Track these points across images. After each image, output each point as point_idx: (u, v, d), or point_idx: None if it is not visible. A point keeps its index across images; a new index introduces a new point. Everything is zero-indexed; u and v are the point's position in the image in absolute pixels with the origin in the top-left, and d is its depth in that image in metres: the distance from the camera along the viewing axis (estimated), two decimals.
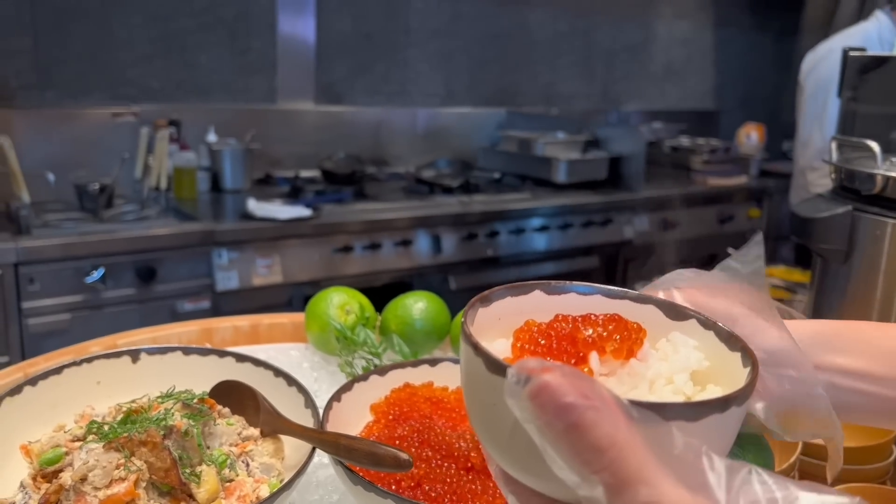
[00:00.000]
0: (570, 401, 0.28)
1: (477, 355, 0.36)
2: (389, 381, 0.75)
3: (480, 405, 0.37)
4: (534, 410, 0.28)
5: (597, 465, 0.28)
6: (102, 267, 2.19)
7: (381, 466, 0.55)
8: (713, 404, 0.33)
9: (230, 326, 0.94)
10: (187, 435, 0.59)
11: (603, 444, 0.27)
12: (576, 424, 0.28)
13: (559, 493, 0.35)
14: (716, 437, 0.31)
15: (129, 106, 2.77)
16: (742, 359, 0.40)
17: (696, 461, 0.28)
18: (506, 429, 0.34)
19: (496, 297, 0.44)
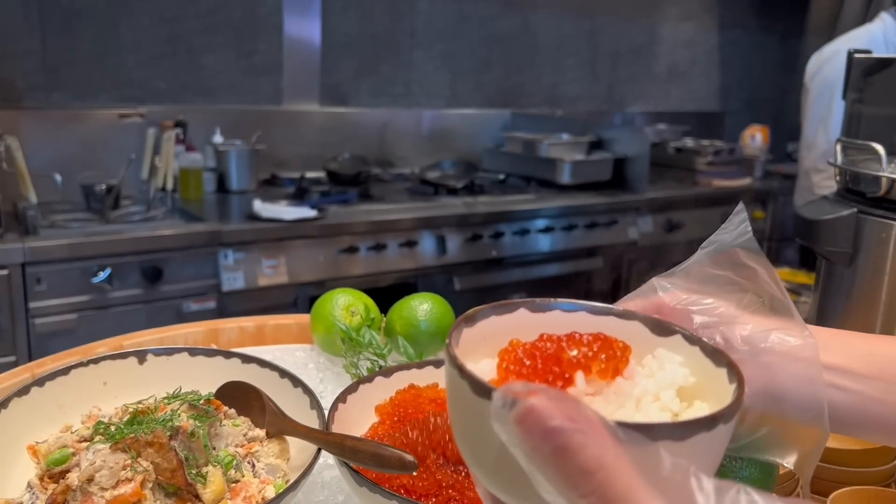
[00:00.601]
0: (556, 424, 0.28)
1: (462, 378, 0.35)
2: (394, 382, 0.75)
3: (466, 428, 0.37)
4: (520, 434, 0.28)
5: (585, 489, 0.27)
6: (109, 267, 2.20)
7: (387, 468, 0.55)
8: (700, 423, 0.33)
9: (236, 327, 0.94)
10: (193, 436, 0.59)
11: (591, 467, 0.27)
12: (563, 448, 0.28)
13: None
14: (704, 456, 0.32)
15: (135, 107, 2.79)
16: (728, 375, 0.40)
17: (684, 482, 0.28)
18: (492, 452, 0.34)
19: (481, 317, 0.44)
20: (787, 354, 0.45)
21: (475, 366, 0.41)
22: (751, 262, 0.50)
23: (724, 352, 0.42)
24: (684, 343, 0.43)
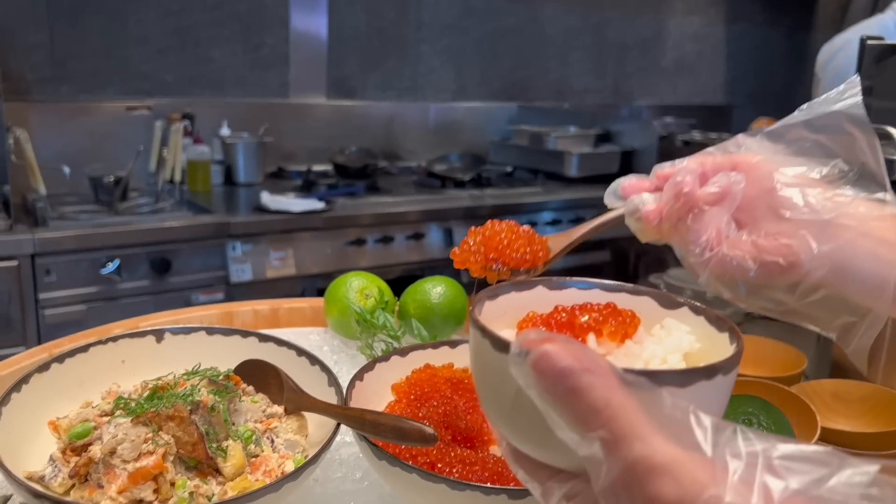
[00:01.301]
0: (567, 366, 0.30)
1: (484, 337, 0.39)
2: (410, 361, 0.75)
3: (488, 383, 0.40)
4: (535, 377, 0.31)
5: (594, 424, 0.30)
6: (118, 259, 2.20)
7: (407, 440, 0.55)
8: (700, 371, 0.35)
9: (250, 310, 0.95)
10: (213, 410, 0.59)
11: (599, 406, 0.30)
12: (573, 388, 0.30)
13: (562, 461, 0.38)
14: (704, 404, 0.33)
15: (143, 100, 2.79)
16: (729, 338, 0.42)
17: (684, 419, 0.30)
18: (509, 402, 0.37)
19: (502, 293, 0.48)
20: (859, 229, 0.47)
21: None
22: (852, 129, 0.51)
23: (726, 319, 0.44)
24: (690, 314, 0.47)
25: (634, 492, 0.29)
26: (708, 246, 0.51)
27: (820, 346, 1.15)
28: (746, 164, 0.53)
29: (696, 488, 0.28)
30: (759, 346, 1.15)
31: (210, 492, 0.57)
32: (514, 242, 0.56)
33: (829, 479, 0.27)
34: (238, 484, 0.57)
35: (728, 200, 0.51)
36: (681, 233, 0.53)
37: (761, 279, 0.49)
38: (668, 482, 0.28)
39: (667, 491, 0.28)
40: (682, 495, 0.28)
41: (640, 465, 0.29)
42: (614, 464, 0.30)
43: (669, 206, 0.53)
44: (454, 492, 0.55)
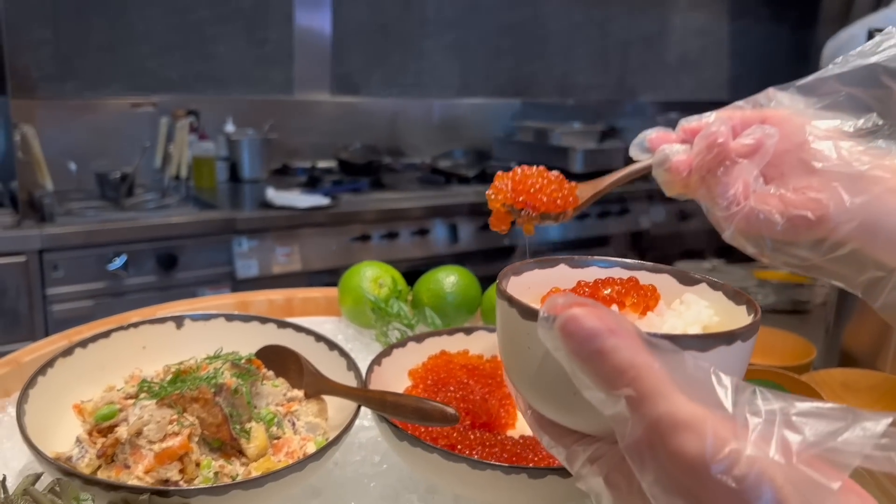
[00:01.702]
0: (594, 328, 0.32)
1: (511, 306, 0.41)
2: (426, 348, 0.76)
3: (514, 351, 0.42)
4: (563, 339, 0.33)
5: (619, 383, 0.31)
6: (124, 254, 2.21)
7: (429, 421, 0.56)
8: (721, 337, 0.37)
9: (265, 300, 0.95)
10: (237, 393, 0.60)
11: (624, 366, 0.31)
12: (600, 349, 0.32)
13: (586, 425, 0.40)
14: (724, 369, 0.34)
15: (148, 96, 2.80)
16: (747, 309, 0.44)
17: (705, 379, 0.31)
18: (534, 368, 0.39)
19: (526, 269, 0.50)
20: (892, 182, 0.47)
21: None
22: (889, 82, 0.50)
23: (743, 292, 0.46)
24: (709, 289, 0.49)
25: (658, 447, 0.30)
26: (735, 200, 0.51)
27: (829, 336, 1.16)
28: (777, 117, 0.52)
29: (717, 443, 0.29)
30: (769, 337, 1.16)
31: (234, 472, 0.57)
32: (545, 187, 0.56)
33: (844, 432, 0.28)
34: (261, 465, 0.58)
35: (760, 154, 0.51)
36: (708, 186, 0.53)
37: (788, 234, 0.49)
38: (691, 437, 0.29)
39: (689, 445, 0.29)
40: (704, 449, 0.29)
41: (664, 422, 0.30)
42: (639, 421, 0.31)
43: (701, 158, 0.53)
44: (475, 471, 0.55)
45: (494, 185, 0.57)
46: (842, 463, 0.28)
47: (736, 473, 0.28)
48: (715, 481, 0.28)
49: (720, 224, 0.52)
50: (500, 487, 0.56)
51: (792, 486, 0.27)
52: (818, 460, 0.28)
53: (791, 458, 0.28)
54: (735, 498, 0.28)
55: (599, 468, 0.38)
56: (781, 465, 0.28)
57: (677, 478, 0.30)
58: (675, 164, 0.54)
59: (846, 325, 1.11)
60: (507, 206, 0.56)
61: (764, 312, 1.35)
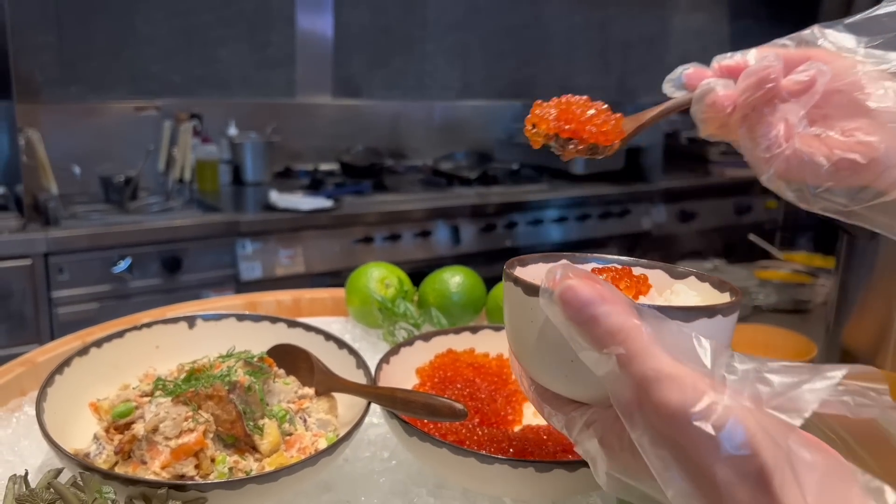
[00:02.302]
0: (589, 296, 0.36)
1: (517, 285, 0.45)
2: (433, 346, 0.77)
3: (518, 326, 0.45)
4: (562, 306, 0.36)
5: (611, 344, 0.35)
6: (129, 257, 2.22)
7: (438, 416, 0.57)
8: (702, 310, 0.41)
9: (273, 301, 0.97)
10: (250, 390, 0.61)
11: (615, 329, 0.35)
12: (594, 315, 0.35)
13: (582, 393, 0.43)
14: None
15: (151, 100, 2.81)
16: (730, 295, 0.48)
17: (688, 341, 0.35)
18: (535, 339, 0.43)
19: (531, 262, 0.53)
20: None
21: None
22: None
23: (727, 282, 0.49)
24: (697, 281, 0.52)
25: (645, 401, 0.33)
26: (777, 141, 0.49)
27: (829, 334, 1.17)
28: (825, 56, 0.50)
29: (697, 395, 0.32)
30: (770, 335, 1.18)
31: (248, 467, 0.59)
32: (594, 118, 0.54)
33: (806, 383, 0.32)
34: (275, 460, 0.59)
35: (810, 93, 0.48)
36: (750, 125, 0.50)
37: (832, 179, 0.47)
38: (674, 390, 0.32)
39: (672, 397, 0.32)
40: (685, 400, 0.32)
41: (650, 377, 0.33)
42: (628, 377, 0.34)
43: (748, 95, 0.50)
44: (483, 465, 0.57)
45: (535, 114, 0.55)
46: (803, 407, 0.31)
47: (713, 421, 0.31)
48: (695, 429, 0.31)
49: (759, 166, 0.50)
50: (508, 481, 0.57)
51: (761, 429, 0.31)
52: (786, 404, 0.32)
53: (760, 404, 0.32)
54: (712, 443, 0.31)
55: (594, 431, 0.41)
56: (752, 411, 0.31)
57: (662, 428, 0.33)
58: (720, 99, 0.51)
59: (846, 324, 1.12)
60: (551, 135, 0.54)
61: (765, 312, 1.36)
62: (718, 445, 0.31)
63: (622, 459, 0.39)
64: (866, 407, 0.32)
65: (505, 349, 0.79)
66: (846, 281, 1.13)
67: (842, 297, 1.13)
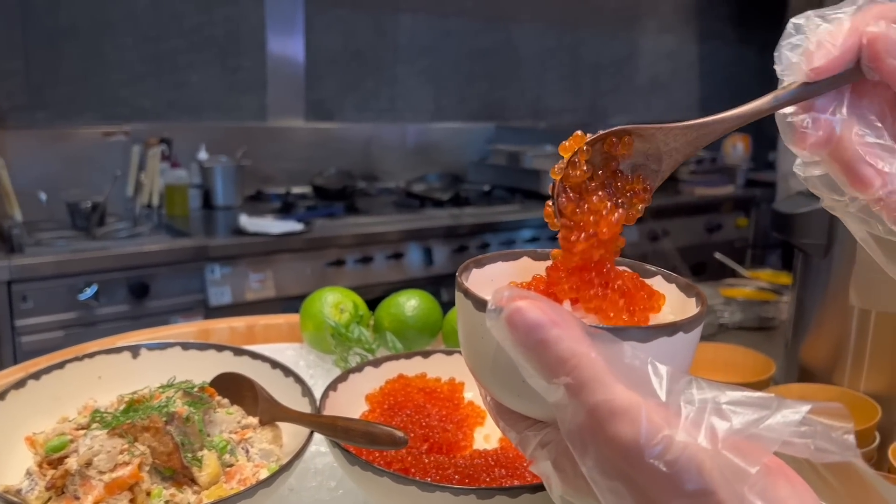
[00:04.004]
0: (537, 320, 0.33)
1: (467, 298, 0.42)
2: (384, 372, 0.77)
3: (472, 341, 0.43)
4: (508, 331, 0.34)
5: (560, 372, 0.33)
6: (95, 284, 2.20)
7: (378, 445, 0.56)
8: (662, 329, 0.37)
9: (226, 328, 0.96)
10: (189, 421, 0.60)
11: (565, 355, 0.33)
12: (543, 340, 0.33)
13: (538, 412, 0.41)
14: (665, 360, 0.35)
15: (120, 125, 2.80)
16: (696, 301, 0.44)
17: (642, 368, 0.32)
18: (490, 357, 0.40)
19: (488, 262, 0.50)
20: None
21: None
22: None
23: (693, 285, 0.46)
24: (663, 282, 0.49)
25: (596, 433, 0.32)
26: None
27: (788, 351, 1.18)
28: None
29: (651, 429, 0.30)
30: (731, 354, 1.18)
31: (186, 500, 0.57)
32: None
33: (767, 419, 0.30)
34: (213, 492, 0.58)
35: None
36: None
37: None
38: (626, 424, 0.31)
39: (625, 432, 0.31)
40: (638, 436, 0.30)
41: (601, 409, 0.31)
42: (578, 408, 0.32)
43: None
44: (425, 493, 0.56)
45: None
46: (761, 450, 0.30)
47: (668, 458, 0.30)
48: (648, 466, 0.30)
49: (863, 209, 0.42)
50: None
51: (717, 470, 0.29)
52: (744, 444, 0.30)
53: (717, 443, 0.30)
54: (667, 481, 0.30)
55: (549, 452, 0.39)
56: (708, 451, 0.30)
57: (614, 462, 0.31)
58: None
59: (803, 341, 1.13)
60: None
61: (731, 329, 1.36)
62: (673, 483, 0.30)
63: (575, 484, 0.38)
64: (828, 453, 0.30)
65: (457, 373, 0.79)
66: (802, 299, 1.14)
67: (798, 315, 1.14)
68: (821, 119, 0.42)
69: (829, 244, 1.05)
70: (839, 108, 0.42)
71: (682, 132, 0.45)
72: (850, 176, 0.41)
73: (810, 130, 0.42)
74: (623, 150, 0.46)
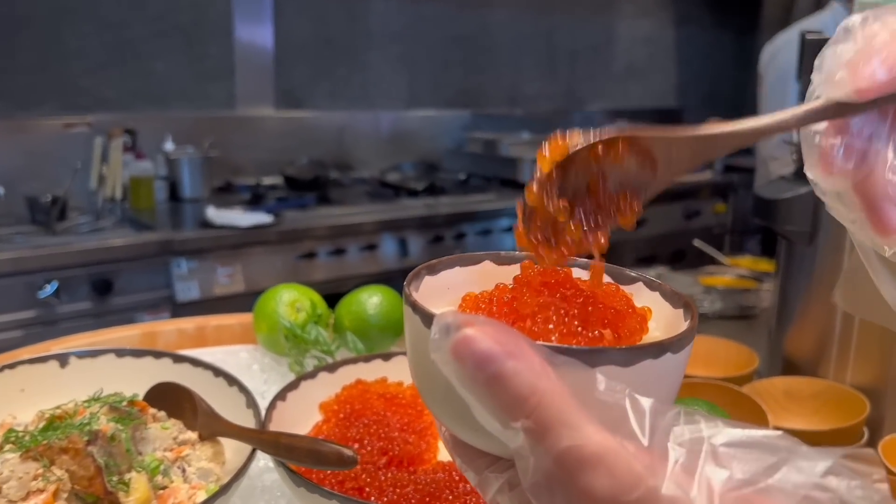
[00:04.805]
0: (488, 351, 0.27)
1: (415, 313, 0.35)
2: (340, 377, 0.71)
3: (420, 363, 0.36)
4: (455, 363, 0.28)
5: (518, 414, 0.27)
6: (56, 281, 2.11)
7: (324, 465, 0.51)
8: (646, 349, 0.31)
9: (174, 329, 0.89)
10: (114, 440, 0.54)
11: (524, 393, 0.27)
12: (496, 375, 0.27)
13: (500, 448, 0.34)
14: (651, 386, 0.29)
15: (82, 116, 2.70)
16: (684, 313, 0.38)
17: (618, 402, 0.27)
18: (441, 385, 0.33)
19: (444, 267, 0.43)
20: None
21: (435, 311, 0.39)
22: None
23: (681, 293, 0.40)
24: (645, 289, 0.42)
25: (566, 485, 0.26)
26: None
27: (771, 342, 1.13)
28: None
29: (630, 480, 0.25)
30: (712, 346, 1.13)
31: None
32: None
33: (779, 469, 0.24)
34: None
35: None
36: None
37: None
38: (601, 474, 0.25)
39: (599, 484, 0.25)
40: (616, 488, 0.25)
41: (570, 457, 0.26)
42: (542, 456, 0.27)
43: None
44: None
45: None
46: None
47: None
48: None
49: (882, 241, 0.37)
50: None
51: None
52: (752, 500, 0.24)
53: (714, 498, 0.24)
54: None
55: (515, 497, 0.33)
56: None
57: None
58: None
59: (788, 331, 1.09)
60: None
61: (711, 319, 1.30)
62: None
63: None
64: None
65: None
66: (786, 288, 1.09)
67: (782, 305, 1.10)
68: (854, 146, 0.35)
69: (813, 231, 1.01)
70: (878, 135, 0.35)
71: (686, 143, 0.38)
72: (873, 215, 0.36)
73: (839, 158, 0.35)
74: (614, 160, 0.39)
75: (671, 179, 0.40)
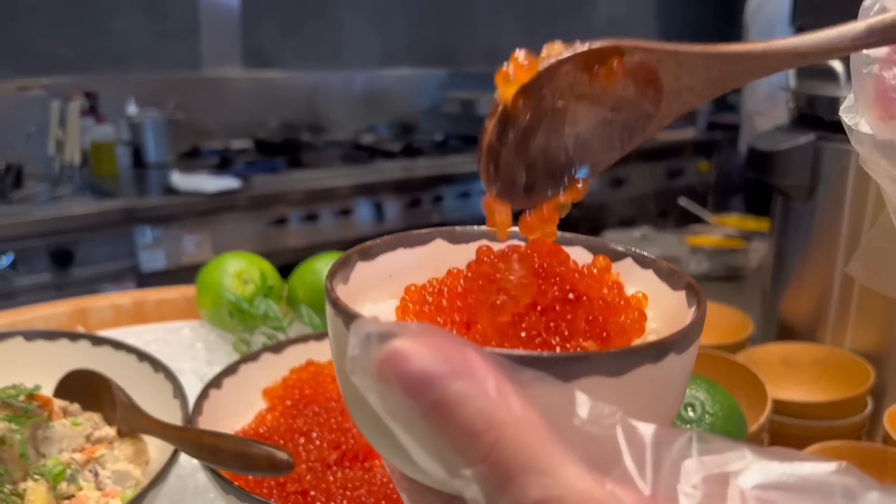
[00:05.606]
0: (427, 371, 0.19)
1: (337, 315, 0.27)
2: (287, 359, 0.62)
3: (347, 381, 0.26)
4: (380, 389, 0.20)
5: (472, 456, 0.19)
6: (11, 252, 2.01)
7: (254, 470, 0.42)
8: (644, 351, 0.23)
9: (108, 305, 0.80)
10: (5, 443, 0.45)
11: (477, 426, 0.19)
12: (437, 404, 0.19)
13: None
14: (650, 400, 0.22)
15: (37, 78, 2.56)
16: (687, 297, 0.30)
17: (607, 433, 0.19)
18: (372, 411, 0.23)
19: (382, 250, 0.34)
20: None
21: (373, 307, 0.32)
22: None
23: (682, 272, 0.31)
24: (636, 267, 0.33)
25: None
26: None
27: (766, 305, 1.06)
28: None
29: None
30: None
31: None
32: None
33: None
34: None
35: None
36: None
37: None
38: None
39: None
40: None
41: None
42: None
43: None
44: None
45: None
46: None
47: None
48: None
49: None
50: None
51: None
52: None
53: None
54: None
55: None
56: None
57: None
58: None
59: (783, 294, 1.01)
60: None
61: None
62: None
63: None
64: None
65: None
66: (782, 248, 1.02)
67: (777, 266, 1.02)
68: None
69: (812, 185, 0.93)
70: None
71: (702, 64, 0.29)
72: None
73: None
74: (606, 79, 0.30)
75: (677, 114, 0.30)
